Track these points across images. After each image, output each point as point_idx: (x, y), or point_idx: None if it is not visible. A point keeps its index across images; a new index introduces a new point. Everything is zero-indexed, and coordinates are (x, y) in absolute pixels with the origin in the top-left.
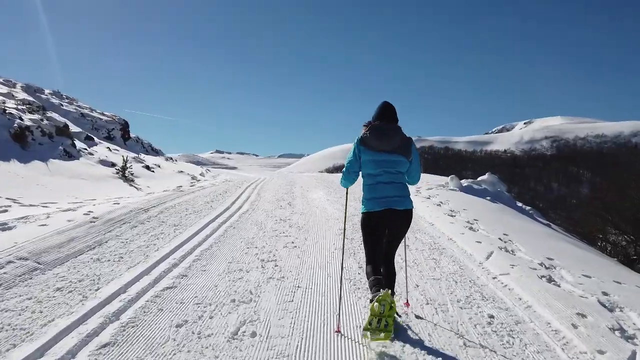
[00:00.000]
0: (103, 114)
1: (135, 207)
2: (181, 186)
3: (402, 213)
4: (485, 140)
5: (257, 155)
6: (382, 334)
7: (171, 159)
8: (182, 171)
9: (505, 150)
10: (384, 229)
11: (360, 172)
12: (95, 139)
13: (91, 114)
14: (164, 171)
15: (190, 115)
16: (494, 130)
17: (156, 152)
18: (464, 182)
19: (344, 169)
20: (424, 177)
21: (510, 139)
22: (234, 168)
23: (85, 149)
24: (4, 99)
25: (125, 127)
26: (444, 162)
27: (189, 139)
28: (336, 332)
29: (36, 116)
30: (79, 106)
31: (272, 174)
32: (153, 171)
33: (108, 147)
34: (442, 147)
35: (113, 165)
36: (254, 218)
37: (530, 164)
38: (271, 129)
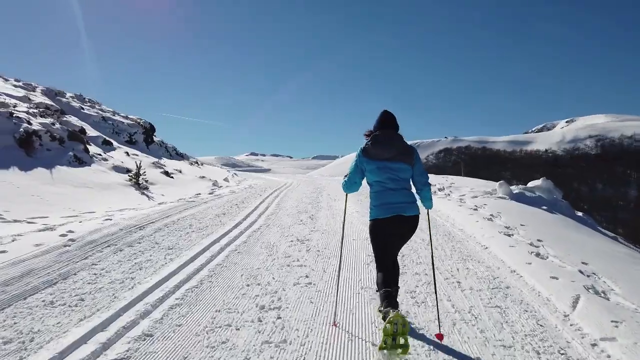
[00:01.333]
0: (127, 118)
1: (128, 224)
2: (199, 194)
3: (410, 219)
4: (525, 139)
5: (291, 157)
6: (400, 350)
7: (197, 162)
8: (204, 177)
9: (546, 150)
10: (394, 236)
11: (366, 181)
12: (115, 143)
13: (113, 117)
14: (185, 177)
15: (225, 118)
16: (533, 129)
17: (181, 156)
18: (515, 189)
19: (346, 177)
20: (467, 182)
21: (551, 138)
22: (267, 170)
23: (100, 155)
24: (17, 102)
25: (148, 130)
26: (482, 162)
27: (224, 142)
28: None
29: (48, 120)
30: (101, 109)
31: (301, 178)
32: (172, 177)
33: (126, 152)
34: (480, 147)
35: (128, 171)
36: (265, 238)
37: (573, 164)
38: (305, 130)
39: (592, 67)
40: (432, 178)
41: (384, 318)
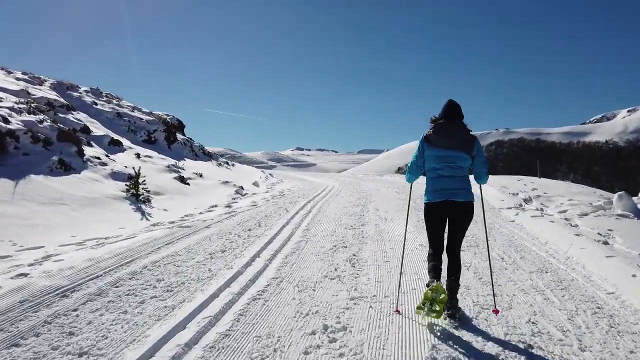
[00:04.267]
0: (150, 114)
1: (46, 285)
2: (214, 207)
3: (461, 205)
4: (583, 130)
5: (336, 152)
6: (434, 314)
7: (227, 163)
8: (228, 182)
9: (606, 141)
10: (444, 218)
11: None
12: (126, 143)
13: (131, 113)
14: (205, 182)
15: (272, 114)
16: (591, 120)
17: (209, 156)
18: (639, 202)
19: (410, 163)
20: (557, 187)
21: (612, 128)
22: (313, 165)
23: (98, 158)
24: (7, 96)
25: (172, 127)
26: (535, 154)
27: (271, 137)
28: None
29: (34, 118)
30: (118, 105)
31: (345, 179)
32: (188, 184)
33: (137, 154)
34: (534, 139)
35: (130, 178)
36: (264, 327)
37: (636, 156)
38: (351, 124)
39: None
40: (504, 180)
41: (427, 285)
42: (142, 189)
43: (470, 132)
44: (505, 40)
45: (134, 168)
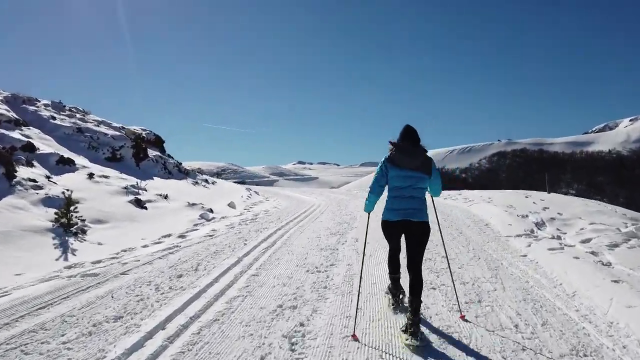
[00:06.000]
0: (122, 129)
1: None
2: (168, 235)
3: (417, 224)
4: (585, 140)
5: (338, 165)
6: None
7: (206, 181)
8: (195, 204)
9: (609, 151)
10: (400, 235)
11: (387, 186)
12: (81, 161)
13: (95, 128)
14: (168, 205)
15: (272, 128)
16: (594, 129)
17: (185, 174)
18: None
19: (371, 184)
20: (573, 206)
21: (614, 138)
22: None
23: (33, 180)
24: None
25: (143, 143)
26: (538, 165)
27: (272, 151)
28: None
29: None
30: (82, 119)
31: (336, 197)
32: (145, 208)
33: (90, 174)
34: (536, 150)
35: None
36: None
37: None
38: (353, 137)
39: None
40: (510, 197)
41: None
42: (76, 217)
43: (427, 155)
44: (507, 49)
45: (65, 194)
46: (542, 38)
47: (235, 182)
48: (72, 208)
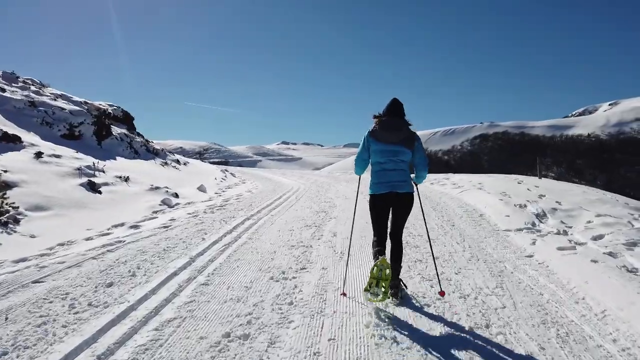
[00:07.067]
0: (84, 103)
1: None
2: (121, 225)
3: (403, 195)
4: (566, 124)
5: (322, 146)
6: (379, 297)
7: (177, 162)
8: (159, 187)
9: (589, 135)
10: (388, 209)
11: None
12: (30, 138)
13: (52, 102)
14: (128, 189)
15: (256, 108)
16: (574, 113)
17: (154, 154)
18: None
19: (356, 157)
20: (574, 194)
21: (594, 122)
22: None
23: None
24: None
25: (106, 119)
26: (520, 147)
27: (256, 131)
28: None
29: None
30: (37, 92)
31: (317, 179)
32: (99, 192)
33: (38, 152)
34: (518, 133)
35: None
36: None
37: (620, 149)
38: (336, 118)
39: (636, 47)
40: (502, 184)
41: (374, 259)
42: (7, 204)
43: (411, 129)
44: (489, 33)
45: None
46: (526, 22)
47: (217, 162)
48: (2, 193)
